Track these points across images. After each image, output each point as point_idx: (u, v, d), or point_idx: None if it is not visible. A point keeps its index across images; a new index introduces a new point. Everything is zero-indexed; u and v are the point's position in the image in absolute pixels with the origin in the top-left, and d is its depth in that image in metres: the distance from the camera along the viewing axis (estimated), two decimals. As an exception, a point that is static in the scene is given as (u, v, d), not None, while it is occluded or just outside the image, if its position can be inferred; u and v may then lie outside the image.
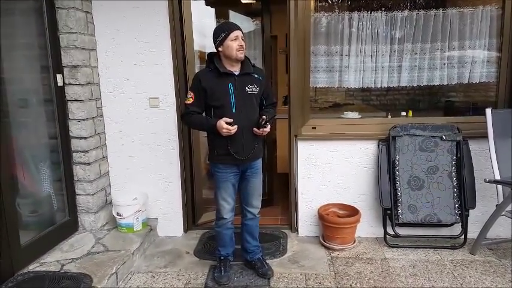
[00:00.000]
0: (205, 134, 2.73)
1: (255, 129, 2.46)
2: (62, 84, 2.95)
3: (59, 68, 2.93)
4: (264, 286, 2.59)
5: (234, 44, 2.39)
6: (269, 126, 2.48)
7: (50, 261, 2.67)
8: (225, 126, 2.34)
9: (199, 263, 2.93)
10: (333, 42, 3.28)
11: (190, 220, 3.52)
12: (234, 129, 2.36)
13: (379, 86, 3.33)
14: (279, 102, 4.52)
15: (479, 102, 3.53)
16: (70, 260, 2.68)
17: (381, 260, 2.92)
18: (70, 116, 3.01)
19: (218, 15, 3.57)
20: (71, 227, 3.10)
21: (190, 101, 2.49)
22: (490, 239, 2.97)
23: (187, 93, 2.56)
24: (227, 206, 2.61)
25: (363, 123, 3.31)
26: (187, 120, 2.56)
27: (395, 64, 3.29)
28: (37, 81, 2.87)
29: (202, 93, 2.45)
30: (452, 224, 3.07)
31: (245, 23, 3.73)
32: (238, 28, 2.44)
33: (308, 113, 3.28)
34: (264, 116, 2.45)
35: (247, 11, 3.79)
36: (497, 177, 2.79)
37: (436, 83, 3.27)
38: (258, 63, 3.74)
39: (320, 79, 3.31)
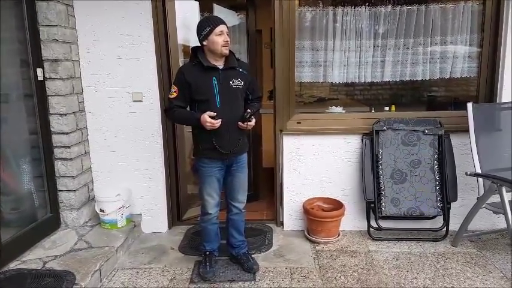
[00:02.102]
0: (189, 128, 2.71)
1: (239, 123, 2.45)
2: (42, 79, 2.88)
3: (39, 62, 2.85)
4: (250, 280, 2.59)
5: (220, 40, 2.37)
6: (254, 120, 2.48)
7: (32, 259, 2.62)
8: (209, 120, 2.33)
9: (185, 259, 2.92)
10: (318, 37, 3.29)
11: (175, 216, 3.50)
12: (217, 123, 2.34)
13: (362, 80, 3.35)
14: (264, 97, 4.52)
15: (461, 96, 3.60)
16: (52, 258, 2.64)
17: (365, 253, 2.95)
18: (51, 111, 2.95)
19: (202, 9, 3.53)
20: (53, 223, 3.05)
21: (174, 95, 2.46)
22: (471, 231, 3.04)
23: (171, 87, 2.53)
24: (212, 201, 2.60)
25: (347, 118, 3.33)
26: (171, 114, 2.54)
27: (379, 59, 3.31)
28: (17, 76, 2.79)
29: (186, 87, 2.43)
30: (434, 217, 3.12)
31: (230, 17, 3.70)
32: (224, 22, 2.42)
33: (293, 107, 3.28)
34: (248, 110, 2.45)
35: (232, 4, 3.76)
36: (478, 171, 2.84)
37: (419, 77, 3.31)
38: (243, 58, 3.71)
39: (305, 74, 3.32)
